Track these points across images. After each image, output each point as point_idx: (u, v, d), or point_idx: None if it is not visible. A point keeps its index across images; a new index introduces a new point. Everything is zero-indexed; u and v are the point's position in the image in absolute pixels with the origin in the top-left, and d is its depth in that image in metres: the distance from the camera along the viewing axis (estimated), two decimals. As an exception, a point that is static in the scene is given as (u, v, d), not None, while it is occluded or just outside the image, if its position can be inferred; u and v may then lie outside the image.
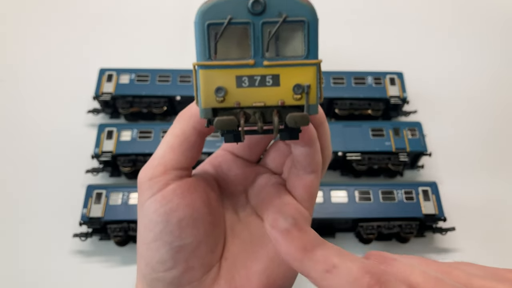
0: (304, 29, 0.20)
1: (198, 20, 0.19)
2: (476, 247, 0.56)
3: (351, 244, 0.56)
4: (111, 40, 0.72)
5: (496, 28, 0.75)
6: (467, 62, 0.72)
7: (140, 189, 0.28)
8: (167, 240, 0.26)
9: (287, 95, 0.20)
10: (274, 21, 0.19)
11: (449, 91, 0.69)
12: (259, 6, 0.19)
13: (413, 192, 0.55)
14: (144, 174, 0.28)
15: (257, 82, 0.20)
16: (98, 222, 0.52)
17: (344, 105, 0.61)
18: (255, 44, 0.20)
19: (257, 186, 0.31)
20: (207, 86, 0.20)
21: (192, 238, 0.27)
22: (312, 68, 0.20)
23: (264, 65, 0.20)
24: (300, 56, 0.20)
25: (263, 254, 0.28)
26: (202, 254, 0.27)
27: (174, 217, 0.26)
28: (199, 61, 0.20)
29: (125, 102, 0.61)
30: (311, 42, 0.20)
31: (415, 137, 0.58)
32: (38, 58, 0.69)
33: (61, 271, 0.53)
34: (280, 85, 0.20)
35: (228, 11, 0.19)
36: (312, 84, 0.20)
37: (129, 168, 0.56)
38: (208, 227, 0.28)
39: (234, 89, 0.20)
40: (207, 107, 0.20)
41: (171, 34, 0.73)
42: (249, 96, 0.20)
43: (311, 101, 0.20)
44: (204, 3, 0.20)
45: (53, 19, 0.74)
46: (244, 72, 0.20)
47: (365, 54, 0.71)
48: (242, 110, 0.20)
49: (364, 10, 0.77)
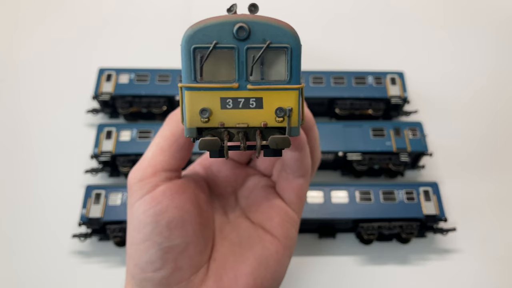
0: (287, 55, 0.20)
1: (185, 44, 0.20)
2: (476, 248, 0.56)
3: (351, 245, 0.56)
4: (110, 40, 0.71)
5: (497, 28, 0.75)
6: (467, 62, 0.71)
7: (130, 190, 0.28)
8: (156, 241, 0.26)
9: (270, 117, 0.21)
10: (258, 46, 0.20)
11: (450, 91, 0.68)
12: (244, 32, 0.20)
13: (414, 193, 0.55)
14: (134, 175, 0.28)
15: (241, 104, 0.21)
16: (98, 223, 0.51)
17: (344, 105, 0.61)
18: (240, 68, 0.20)
19: (246, 188, 0.31)
20: (192, 107, 0.21)
21: (181, 239, 0.27)
22: (294, 93, 0.21)
23: (248, 88, 0.21)
24: (283, 81, 0.21)
25: (251, 256, 0.29)
26: (190, 255, 0.27)
27: (163, 219, 0.26)
28: (185, 83, 0.20)
29: (124, 102, 0.60)
30: (294, 67, 0.21)
31: (416, 137, 0.58)
32: (38, 58, 0.69)
33: (61, 271, 0.52)
34: (263, 107, 0.21)
35: (214, 35, 0.20)
36: (294, 108, 0.21)
37: (128, 168, 0.56)
38: (197, 228, 0.28)
39: (218, 110, 0.21)
40: (192, 127, 0.21)
41: (171, 33, 0.72)
42: (233, 117, 0.21)
43: (293, 123, 0.21)
44: (190, 27, 0.20)
45: (53, 19, 0.73)
46: (228, 94, 0.21)
47: (365, 54, 0.71)
48: (226, 129, 0.21)
49: (364, 10, 0.77)
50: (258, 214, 0.30)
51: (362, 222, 0.53)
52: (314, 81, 0.62)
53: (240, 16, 0.20)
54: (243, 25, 0.19)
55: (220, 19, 0.20)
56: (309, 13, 0.76)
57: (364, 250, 0.55)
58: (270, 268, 0.29)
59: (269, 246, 0.29)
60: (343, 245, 0.56)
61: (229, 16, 0.20)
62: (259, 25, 0.20)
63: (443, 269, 0.54)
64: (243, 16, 0.20)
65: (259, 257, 0.29)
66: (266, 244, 0.29)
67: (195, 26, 0.20)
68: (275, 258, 0.29)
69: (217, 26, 0.20)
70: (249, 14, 0.20)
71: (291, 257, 0.31)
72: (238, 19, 0.20)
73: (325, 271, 0.54)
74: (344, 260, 0.55)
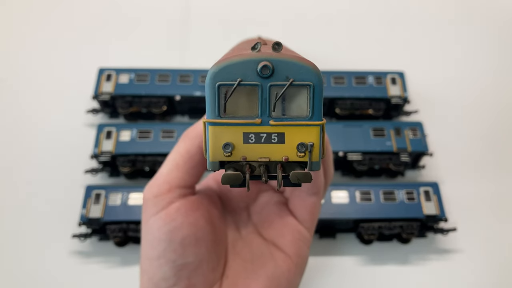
0: (309, 92, 0.21)
1: (209, 81, 0.20)
2: (477, 248, 0.56)
3: (352, 245, 0.56)
4: (110, 40, 0.71)
5: (498, 28, 0.75)
6: (468, 62, 0.71)
7: (145, 205, 0.28)
8: (170, 258, 0.26)
9: (291, 151, 0.21)
10: (282, 84, 0.20)
11: (450, 91, 0.68)
12: (268, 70, 0.20)
13: (414, 193, 0.55)
14: (149, 190, 0.28)
15: (263, 139, 0.21)
16: (98, 223, 0.51)
17: (345, 105, 0.61)
18: (263, 104, 0.21)
19: (259, 203, 0.31)
20: (216, 141, 0.21)
21: (195, 257, 0.27)
22: (316, 128, 0.21)
23: (271, 124, 0.21)
24: (305, 117, 0.21)
25: (263, 274, 0.29)
26: (204, 272, 0.27)
27: (177, 236, 0.26)
28: (209, 118, 0.21)
29: (124, 102, 0.60)
30: (316, 104, 0.21)
31: (416, 137, 0.58)
32: (37, 58, 0.69)
33: (60, 271, 0.52)
34: (285, 142, 0.21)
35: (238, 73, 0.20)
36: (316, 143, 0.21)
37: (128, 168, 0.56)
38: (210, 245, 0.28)
39: (241, 145, 0.21)
40: (215, 160, 0.21)
41: (171, 33, 0.72)
42: (255, 151, 0.21)
43: (314, 158, 0.22)
44: (215, 64, 0.20)
45: (53, 19, 0.73)
46: (251, 129, 0.21)
47: (366, 54, 0.71)
48: (248, 163, 0.22)
49: (365, 9, 0.77)
50: (270, 231, 0.31)
51: (362, 222, 0.53)
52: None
53: (264, 55, 0.20)
54: (267, 63, 0.20)
55: (245, 56, 0.20)
56: (309, 12, 0.76)
57: (365, 250, 0.55)
58: (281, 287, 0.29)
59: (281, 264, 0.29)
60: (343, 245, 0.56)
61: (254, 54, 0.20)
62: (282, 63, 0.20)
63: (444, 269, 0.54)
64: (267, 54, 0.20)
65: (271, 275, 0.29)
66: (278, 262, 0.29)
67: (220, 63, 0.20)
68: (287, 277, 0.29)
69: (241, 64, 0.20)
70: (272, 52, 0.20)
71: (302, 275, 0.31)
72: (262, 57, 0.20)
73: (326, 271, 0.54)
74: (345, 260, 0.55)
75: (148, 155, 0.56)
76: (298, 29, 0.73)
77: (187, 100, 0.61)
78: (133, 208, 0.52)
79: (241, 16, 0.73)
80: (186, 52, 0.70)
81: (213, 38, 0.71)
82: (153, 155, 0.56)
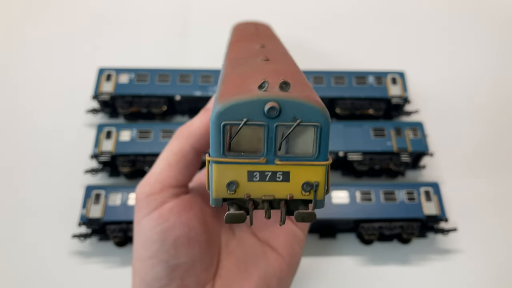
0: (316, 132, 0.20)
1: (215, 120, 0.20)
2: (478, 248, 0.56)
3: (352, 245, 0.56)
4: (110, 40, 0.71)
5: (498, 28, 0.75)
6: (469, 61, 0.71)
7: (138, 205, 0.28)
8: (163, 259, 0.26)
9: (296, 190, 0.21)
10: (289, 124, 0.20)
11: (451, 91, 0.68)
12: (275, 111, 0.19)
13: (415, 193, 0.54)
14: (142, 190, 0.28)
15: (268, 177, 0.21)
16: (97, 223, 0.51)
17: (345, 105, 0.61)
18: (268, 144, 0.20)
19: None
20: (220, 179, 0.21)
21: (188, 257, 0.27)
22: (322, 168, 0.21)
23: (276, 163, 0.21)
24: (311, 156, 0.21)
25: (255, 273, 0.29)
26: (196, 272, 0.27)
27: (170, 236, 0.26)
28: (213, 156, 0.21)
29: (124, 101, 0.60)
30: (322, 144, 0.21)
31: (416, 137, 0.58)
32: (37, 58, 0.69)
33: (60, 272, 0.52)
34: (290, 181, 0.21)
35: (244, 112, 0.20)
36: (321, 182, 0.21)
37: (128, 168, 0.55)
38: (203, 245, 0.28)
39: (245, 183, 0.21)
40: (218, 197, 0.21)
41: (171, 33, 0.72)
42: (259, 189, 0.21)
43: (319, 197, 0.21)
44: (221, 102, 0.20)
45: (52, 18, 0.73)
46: (255, 168, 0.21)
47: (366, 54, 0.71)
48: (252, 200, 0.21)
49: (365, 9, 0.77)
50: (264, 231, 0.30)
51: (362, 222, 0.53)
52: (314, 81, 0.62)
53: (272, 94, 0.19)
54: (274, 105, 0.19)
55: (251, 96, 0.19)
56: (309, 12, 0.76)
57: (365, 250, 0.55)
58: (273, 287, 0.29)
59: (273, 264, 0.29)
60: (343, 245, 0.56)
61: (261, 93, 0.19)
62: (290, 104, 0.19)
63: (444, 269, 0.54)
64: (274, 94, 0.19)
65: (263, 274, 0.29)
66: (270, 261, 0.29)
67: (225, 101, 0.20)
68: (278, 276, 0.29)
69: (248, 104, 0.19)
70: (280, 92, 0.20)
71: (294, 275, 0.31)
72: (269, 97, 0.19)
73: (326, 271, 0.54)
74: (345, 260, 0.54)
75: (148, 155, 0.56)
76: (298, 29, 0.73)
77: (187, 100, 0.61)
78: (133, 208, 0.52)
79: (241, 16, 0.73)
80: (186, 52, 0.70)
81: (213, 38, 0.71)
82: (153, 155, 0.56)
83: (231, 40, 0.38)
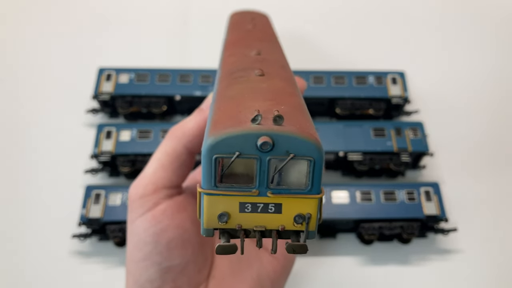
0: (309, 166, 0.20)
1: (206, 153, 0.19)
2: (478, 248, 0.56)
3: (352, 245, 0.55)
4: (110, 40, 0.71)
5: (499, 27, 0.75)
6: (469, 61, 0.71)
7: (131, 206, 0.28)
8: (156, 261, 0.26)
9: (288, 221, 0.21)
10: (281, 158, 0.20)
11: (451, 91, 0.68)
12: (268, 146, 0.19)
13: (415, 193, 0.54)
14: (135, 191, 0.28)
15: (260, 208, 0.21)
16: (97, 223, 0.51)
17: (345, 105, 0.61)
18: (261, 176, 0.20)
19: None
20: (211, 211, 0.21)
21: (181, 259, 0.27)
22: (314, 201, 0.21)
23: (268, 195, 0.20)
24: (303, 189, 0.21)
25: (249, 275, 0.29)
26: (190, 274, 0.27)
27: (163, 238, 0.26)
28: (204, 187, 0.20)
29: (124, 101, 0.60)
30: (315, 177, 0.20)
31: (416, 137, 0.58)
32: (37, 57, 0.69)
33: (60, 271, 0.52)
34: (282, 212, 0.21)
35: (236, 146, 0.19)
36: (313, 214, 0.21)
37: (128, 168, 0.55)
38: (196, 247, 0.28)
39: (236, 214, 0.21)
40: (209, 228, 0.21)
41: (171, 33, 0.72)
42: (251, 220, 0.21)
43: (311, 228, 0.21)
44: (212, 135, 0.19)
45: (52, 18, 0.73)
46: (247, 199, 0.21)
47: (366, 54, 0.71)
48: (243, 229, 0.21)
49: (365, 9, 0.76)
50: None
51: (362, 222, 0.53)
52: (314, 81, 0.62)
53: (264, 128, 0.19)
54: (267, 139, 0.19)
55: (244, 129, 0.19)
56: (309, 12, 0.76)
57: (365, 250, 0.55)
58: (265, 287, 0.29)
59: (267, 265, 0.29)
60: (343, 245, 0.56)
61: (253, 127, 0.19)
62: (283, 138, 0.19)
63: (444, 269, 0.54)
64: (267, 128, 0.19)
65: (257, 276, 0.29)
66: (264, 263, 0.29)
67: (217, 134, 0.19)
68: (272, 278, 0.29)
69: (240, 138, 0.19)
70: (273, 126, 0.19)
71: (288, 277, 0.31)
72: (262, 131, 0.19)
73: (326, 271, 0.54)
74: (345, 260, 0.54)
75: (148, 155, 0.56)
76: (298, 28, 0.73)
77: (187, 100, 0.61)
78: (133, 208, 0.52)
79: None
80: (186, 52, 0.70)
81: (213, 38, 0.71)
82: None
83: (227, 39, 0.37)
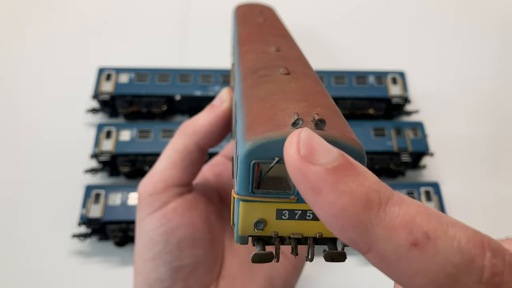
0: None
1: (244, 158, 0.19)
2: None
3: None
4: (110, 39, 0.71)
5: (500, 27, 0.75)
6: (469, 61, 0.71)
7: (140, 204, 0.27)
8: (166, 260, 0.26)
9: (326, 228, 0.20)
10: None
11: (451, 91, 0.68)
12: None
13: (415, 193, 0.54)
14: (144, 188, 0.27)
15: (298, 215, 0.20)
16: (97, 223, 0.51)
17: (345, 104, 0.61)
18: None
19: None
20: (247, 217, 0.20)
21: (191, 259, 0.27)
22: None
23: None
24: None
25: (259, 275, 0.28)
26: (200, 274, 0.27)
27: (174, 237, 0.26)
28: (240, 193, 0.20)
29: (124, 101, 0.60)
30: None
31: (417, 137, 0.58)
32: (37, 58, 0.69)
33: (60, 271, 0.52)
34: (320, 219, 0.21)
35: (276, 151, 0.18)
36: None
37: (128, 168, 0.55)
38: (207, 246, 0.27)
39: (273, 221, 0.20)
40: (244, 235, 0.20)
41: (171, 33, 0.72)
42: (288, 227, 0.20)
43: None
44: (250, 139, 0.19)
45: (52, 18, 0.73)
46: (285, 206, 0.20)
47: (366, 53, 0.71)
48: (279, 237, 0.21)
49: (365, 8, 0.76)
50: None
51: (363, 222, 0.53)
52: (314, 80, 0.62)
53: None
54: None
55: (285, 134, 0.18)
56: (309, 12, 0.76)
57: (365, 251, 0.55)
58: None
59: (278, 265, 0.29)
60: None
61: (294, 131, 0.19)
62: None
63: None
64: None
65: (268, 277, 0.28)
66: (275, 264, 0.29)
67: (256, 139, 0.18)
68: (284, 279, 0.29)
69: (281, 142, 0.18)
70: (315, 130, 0.18)
71: (299, 277, 0.30)
72: None
73: (326, 271, 0.54)
74: (345, 260, 0.54)
75: (148, 155, 0.56)
76: (298, 28, 0.73)
77: (187, 100, 0.61)
78: (133, 208, 0.52)
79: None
80: (186, 52, 0.70)
81: (213, 38, 0.71)
82: (153, 154, 0.56)
83: (239, 33, 0.35)
